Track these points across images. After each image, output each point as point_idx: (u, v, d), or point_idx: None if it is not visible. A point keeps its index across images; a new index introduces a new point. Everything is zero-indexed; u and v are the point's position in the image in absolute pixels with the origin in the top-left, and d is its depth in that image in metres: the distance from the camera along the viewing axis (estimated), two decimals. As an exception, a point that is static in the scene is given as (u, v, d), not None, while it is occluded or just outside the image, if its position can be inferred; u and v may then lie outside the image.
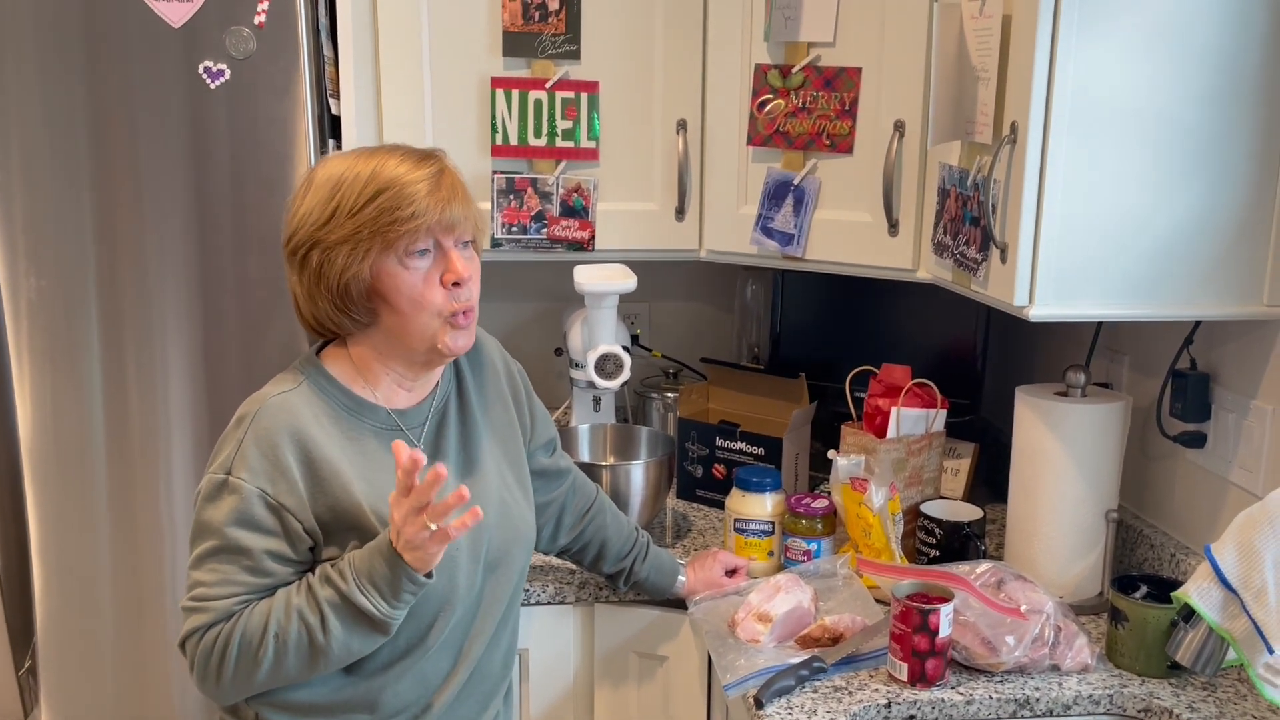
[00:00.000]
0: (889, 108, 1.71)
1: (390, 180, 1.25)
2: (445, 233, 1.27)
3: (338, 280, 1.26)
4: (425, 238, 1.26)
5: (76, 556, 1.85)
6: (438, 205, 1.25)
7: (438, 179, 1.27)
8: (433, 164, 1.29)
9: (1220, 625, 1.23)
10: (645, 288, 1.96)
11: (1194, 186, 1.38)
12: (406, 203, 1.24)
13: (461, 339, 1.31)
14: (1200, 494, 1.60)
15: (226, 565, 1.24)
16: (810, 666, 1.40)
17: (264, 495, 1.23)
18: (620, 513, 1.65)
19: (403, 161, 1.27)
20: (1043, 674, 1.41)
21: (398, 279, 1.26)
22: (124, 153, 1.74)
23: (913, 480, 1.74)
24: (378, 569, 1.21)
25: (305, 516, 1.25)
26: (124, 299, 1.79)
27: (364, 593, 1.21)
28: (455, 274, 1.28)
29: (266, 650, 1.22)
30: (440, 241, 1.27)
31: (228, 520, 1.23)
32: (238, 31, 1.70)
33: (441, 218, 1.26)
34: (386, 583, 1.21)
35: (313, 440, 1.26)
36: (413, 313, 1.27)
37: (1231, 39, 1.35)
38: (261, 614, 1.23)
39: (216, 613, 1.24)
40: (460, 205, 1.28)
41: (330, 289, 1.27)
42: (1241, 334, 1.51)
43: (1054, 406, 1.56)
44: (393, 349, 1.32)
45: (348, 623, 1.22)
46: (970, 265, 1.51)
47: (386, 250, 1.25)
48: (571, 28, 1.86)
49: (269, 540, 1.24)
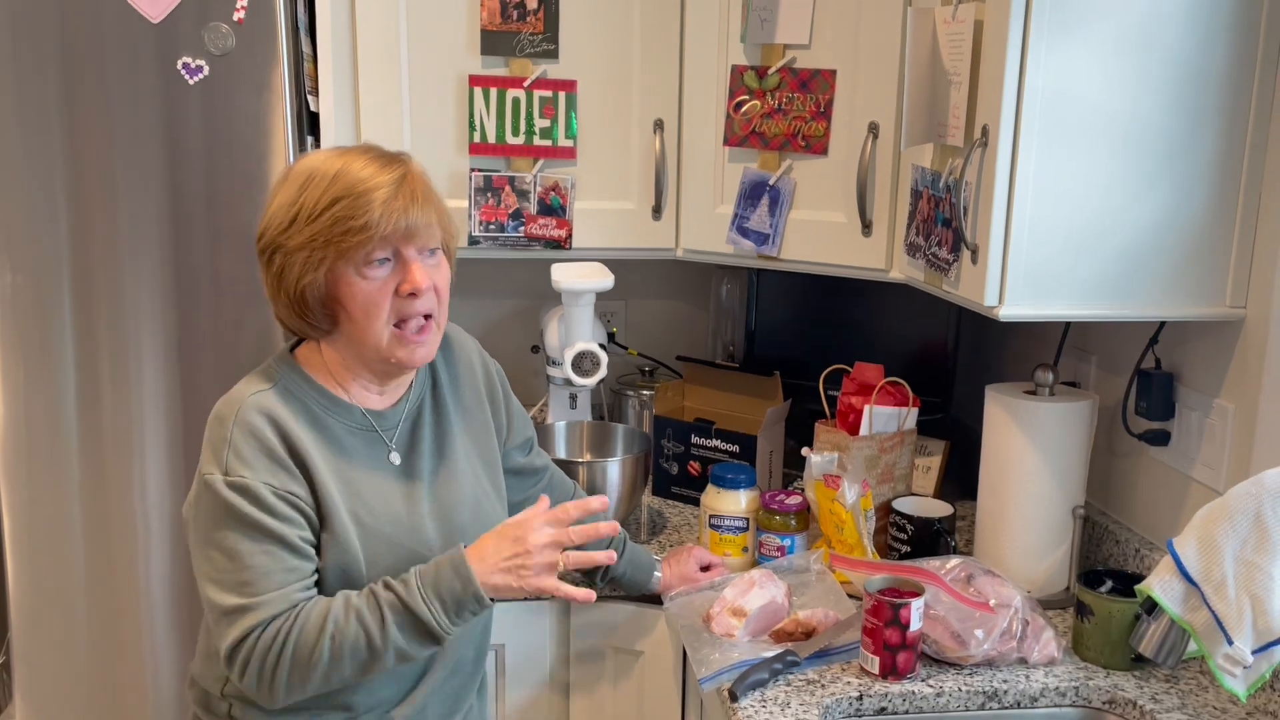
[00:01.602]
0: (863, 110, 1.74)
1: (348, 187, 1.23)
2: (404, 241, 1.25)
3: (295, 286, 1.25)
4: (382, 247, 1.24)
5: (50, 551, 1.84)
6: (394, 214, 1.22)
7: (398, 185, 1.24)
8: (397, 168, 1.26)
9: (1182, 617, 1.26)
10: (622, 286, 1.98)
11: (1160, 190, 1.41)
12: (360, 212, 1.21)
13: (419, 352, 1.29)
14: (1164, 490, 1.64)
15: (266, 561, 1.21)
16: (784, 660, 1.42)
17: (272, 488, 1.23)
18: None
19: (368, 165, 1.25)
20: (1011, 667, 1.43)
21: (354, 287, 1.25)
22: (99, 148, 1.74)
23: (885, 477, 1.77)
24: (445, 582, 1.21)
25: (308, 500, 1.25)
26: (98, 294, 1.78)
27: (427, 603, 1.21)
28: (411, 283, 1.25)
29: (323, 650, 1.20)
30: (400, 250, 1.25)
31: (244, 518, 1.21)
32: (216, 28, 1.70)
33: (396, 226, 1.23)
34: (453, 597, 1.21)
35: (293, 435, 1.26)
36: (366, 322, 1.26)
37: (1197, 47, 1.38)
38: (320, 613, 1.21)
39: (273, 606, 1.21)
40: (422, 212, 1.25)
41: (289, 294, 1.26)
42: (1205, 334, 1.54)
43: (1023, 405, 1.59)
44: (355, 355, 1.31)
45: (406, 630, 1.21)
46: (942, 266, 1.54)
47: (342, 259, 1.23)
48: (550, 27, 1.87)
49: (295, 527, 1.23)
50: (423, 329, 1.29)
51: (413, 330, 1.28)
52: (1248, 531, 1.21)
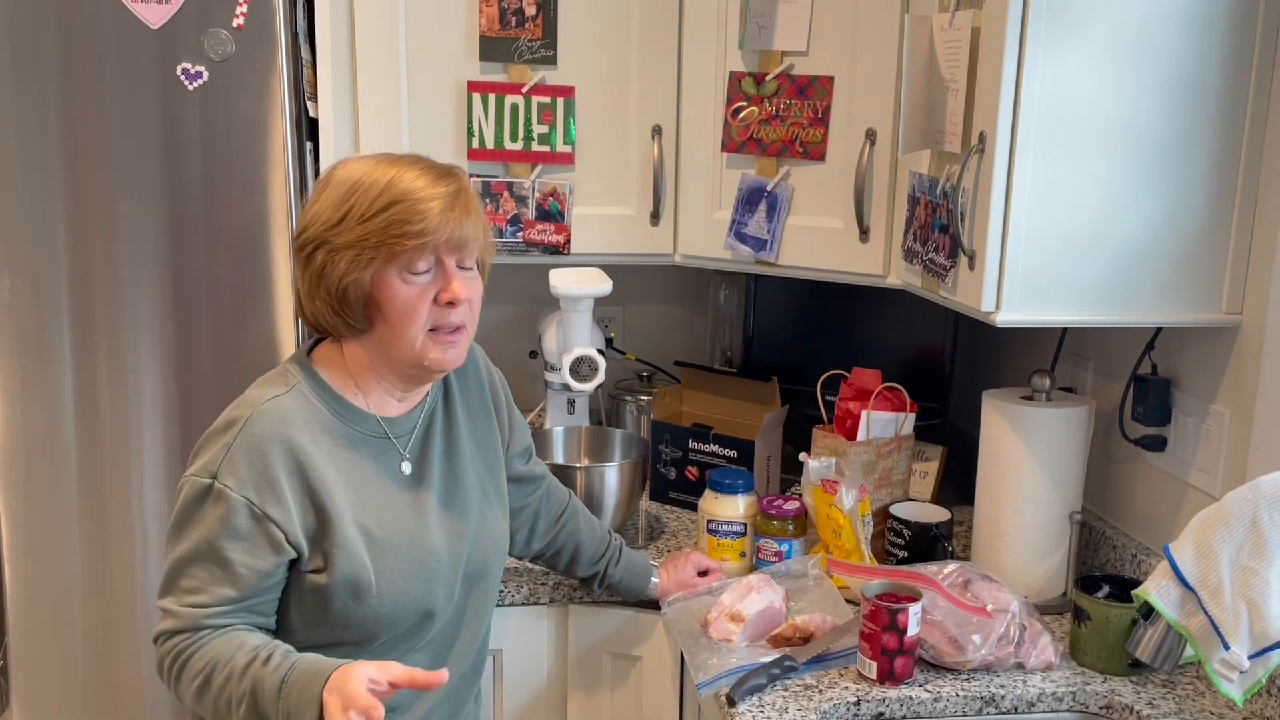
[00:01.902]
0: (861, 116, 1.74)
1: (405, 193, 1.24)
2: (451, 253, 1.27)
3: (338, 284, 1.26)
4: (430, 255, 1.26)
5: (47, 557, 1.84)
6: (448, 225, 1.25)
7: (454, 198, 1.26)
8: (451, 182, 1.28)
9: (1178, 622, 1.26)
10: (620, 291, 1.98)
11: (1156, 196, 1.42)
12: (418, 218, 1.23)
13: (451, 353, 1.30)
14: (1161, 496, 1.64)
15: (202, 574, 1.23)
16: (781, 665, 1.42)
17: (250, 504, 1.22)
18: (593, 517, 1.66)
19: (422, 175, 1.26)
20: (1008, 672, 1.44)
21: (394, 290, 1.26)
22: (98, 153, 1.74)
23: (882, 482, 1.77)
24: (300, 708, 1.15)
25: (290, 529, 1.24)
26: (96, 300, 1.78)
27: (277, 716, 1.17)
28: (451, 294, 1.27)
29: (196, 688, 1.21)
30: (444, 260, 1.27)
31: (211, 529, 1.22)
32: (216, 34, 1.71)
33: (450, 238, 1.25)
34: (298, 713, 1.16)
35: (302, 449, 1.25)
36: (402, 325, 1.27)
37: (1193, 53, 1.39)
38: (210, 653, 1.21)
39: (184, 620, 1.23)
40: (472, 227, 1.28)
41: (329, 291, 1.27)
42: (1201, 340, 1.55)
43: (1020, 410, 1.60)
44: (384, 359, 1.31)
45: (260, 715, 1.19)
46: (939, 272, 1.54)
47: (390, 262, 1.24)
48: (548, 33, 1.88)
49: (249, 552, 1.23)
50: (455, 332, 1.30)
51: (447, 332, 1.29)
52: (1244, 537, 1.21)
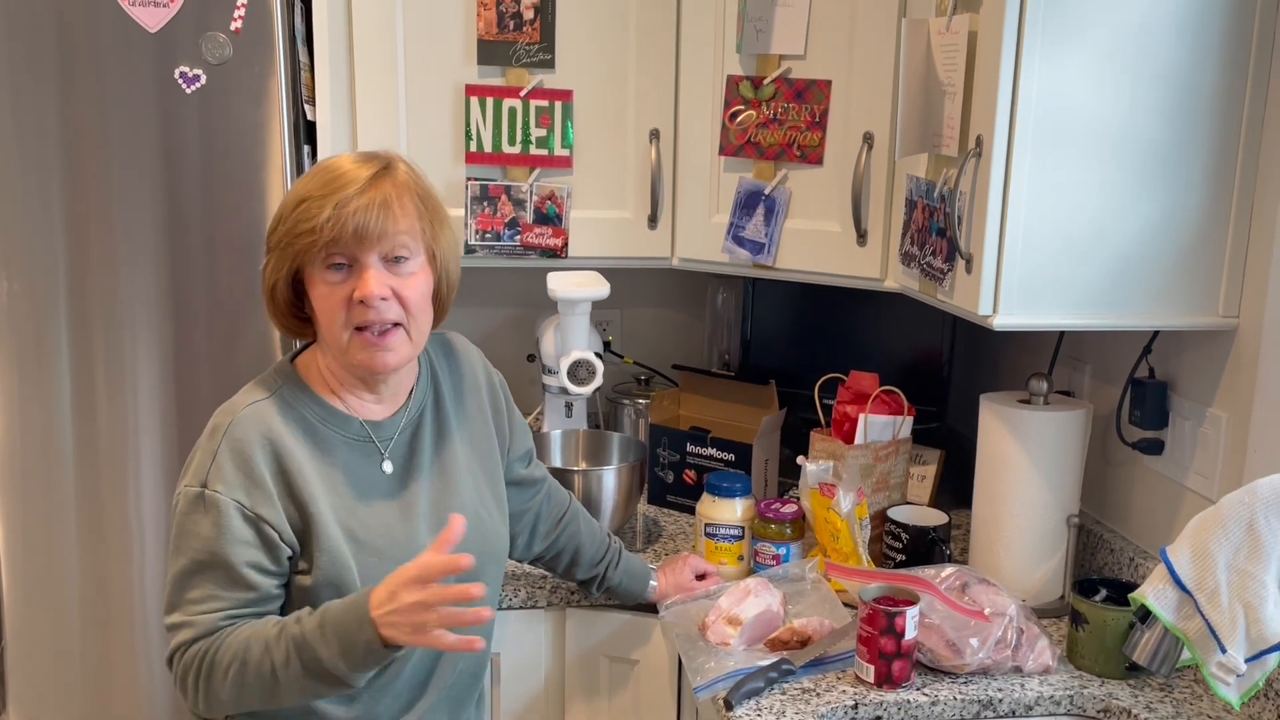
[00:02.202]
0: (858, 120, 1.74)
1: (307, 192, 1.23)
2: (358, 247, 1.23)
3: (268, 285, 1.28)
4: (337, 252, 1.23)
5: (44, 562, 1.84)
6: (343, 219, 1.20)
7: (362, 188, 1.22)
8: (369, 167, 1.24)
9: (1175, 626, 1.26)
10: (617, 295, 1.98)
11: (1152, 200, 1.42)
12: (312, 215, 1.21)
13: (380, 356, 1.27)
14: (1158, 499, 1.64)
15: (208, 581, 1.23)
16: (779, 669, 1.42)
17: (241, 507, 1.22)
18: (593, 519, 1.66)
19: (347, 165, 1.25)
20: (1005, 675, 1.44)
21: (316, 290, 1.26)
22: (96, 157, 1.74)
23: (880, 486, 1.77)
24: (350, 635, 1.16)
25: (282, 527, 1.24)
26: (94, 304, 1.78)
27: (332, 655, 1.17)
28: (360, 292, 1.23)
29: (231, 675, 1.20)
30: (359, 257, 1.24)
31: (208, 536, 1.22)
32: (214, 37, 1.71)
33: (343, 231, 1.21)
34: (355, 650, 1.17)
35: (285, 449, 1.26)
36: (327, 325, 1.27)
37: (1189, 57, 1.39)
38: (239, 639, 1.21)
39: (200, 628, 1.22)
40: (381, 218, 1.22)
41: (265, 292, 1.29)
42: (1198, 344, 1.55)
43: (1017, 414, 1.60)
44: (335, 360, 1.32)
45: (311, 674, 1.19)
46: (936, 275, 1.54)
47: (305, 263, 1.24)
48: (546, 37, 1.88)
49: (248, 552, 1.23)
50: (386, 334, 1.26)
51: (374, 334, 1.26)
52: (1241, 540, 1.21)
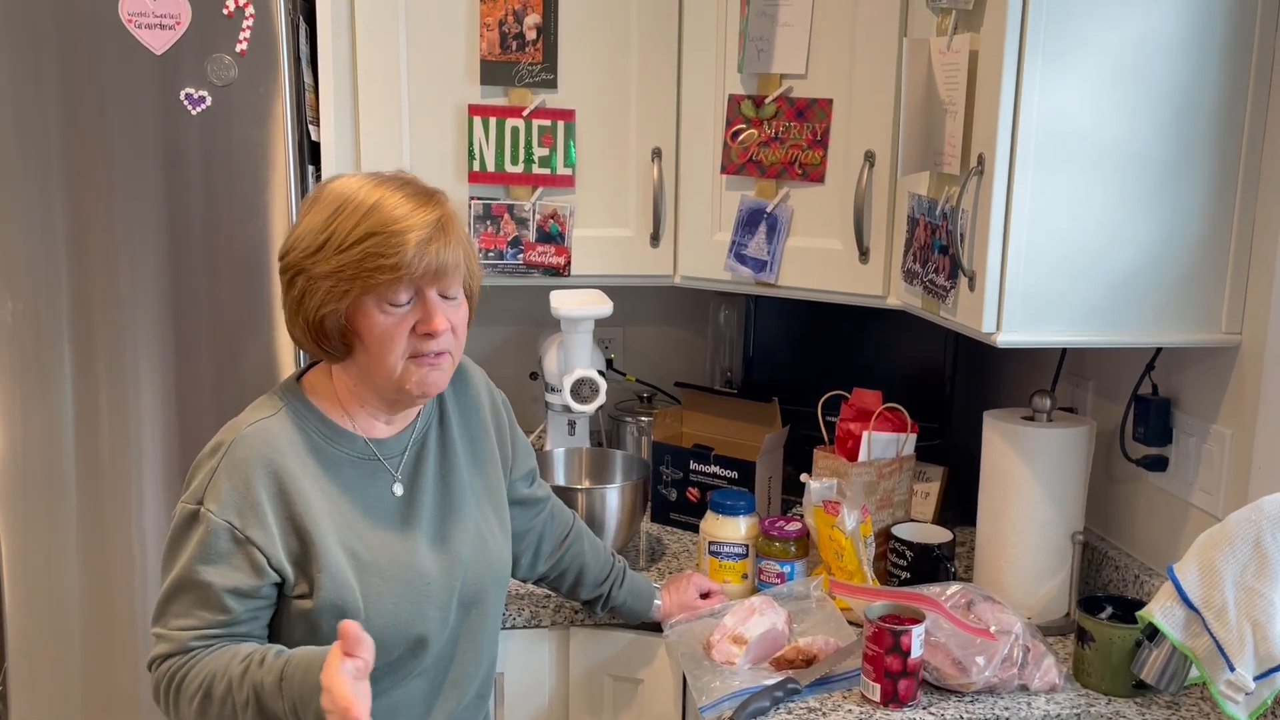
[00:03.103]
0: (859, 138, 1.75)
1: (384, 222, 1.21)
2: (431, 283, 1.25)
3: (315, 313, 1.25)
4: (408, 288, 1.24)
5: (47, 580, 1.84)
6: (426, 257, 1.22)
7: (434, 227, 1.23)
8: (433, 209, 1.25)
9: (1183, 644, 1.26)
10: (620, 313, 1.98)
11: (1154, 217, 1.43)
12: (393, 252, 1.20)
13: (433, 376, 1.28)
14: (1163, 516, 1.64)
15: (187, 600, 1.23)
16: (785, 688, 1.41)
17: (231, 528, 1.22)
18: (597, 538, 1.66)
19: (404, 202, 1.23)
20: (1012, 694, 1.43)
21: (373, 320, 1.25)
22: (101, 177, 1.75)
23: (884, 503, 1.77)
24: (306, 698, 1.14)
25: (273, 552, 1.24)
26: (98, 322, 1.79)
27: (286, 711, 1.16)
28: (428, 326, 1.25)
29: (196, 704, 1.21)
30: (424, 291, 1.25)
31: (192, 555, 1.22)
32: (219, 59, 1.72)
33: (428, 270, 1.23)
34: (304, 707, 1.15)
35: (287, 471, 1.26)
36: (380, 353, 1.26)
37: (1189, 75, 1.40)
38: (206, 670, 1.21)
39: (174, 644, 1.23)
40: (453, 255, 1.25)
41: (307, 319, 1.26)
42: (1201, 360, 1.55)
43: (1020, 431, 1.60)
44: (366, 383, 1.31)
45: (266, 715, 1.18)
46: (939, 292, 1.54)
47: (367, 293, 1.23)
48: (549, 57, 1.89)
49: (230, 576, 1.22)
50: (439, 355, 1.28)
51: (431, 356, 1.27)
52: (1248, 557, 1.21)
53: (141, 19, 1.70)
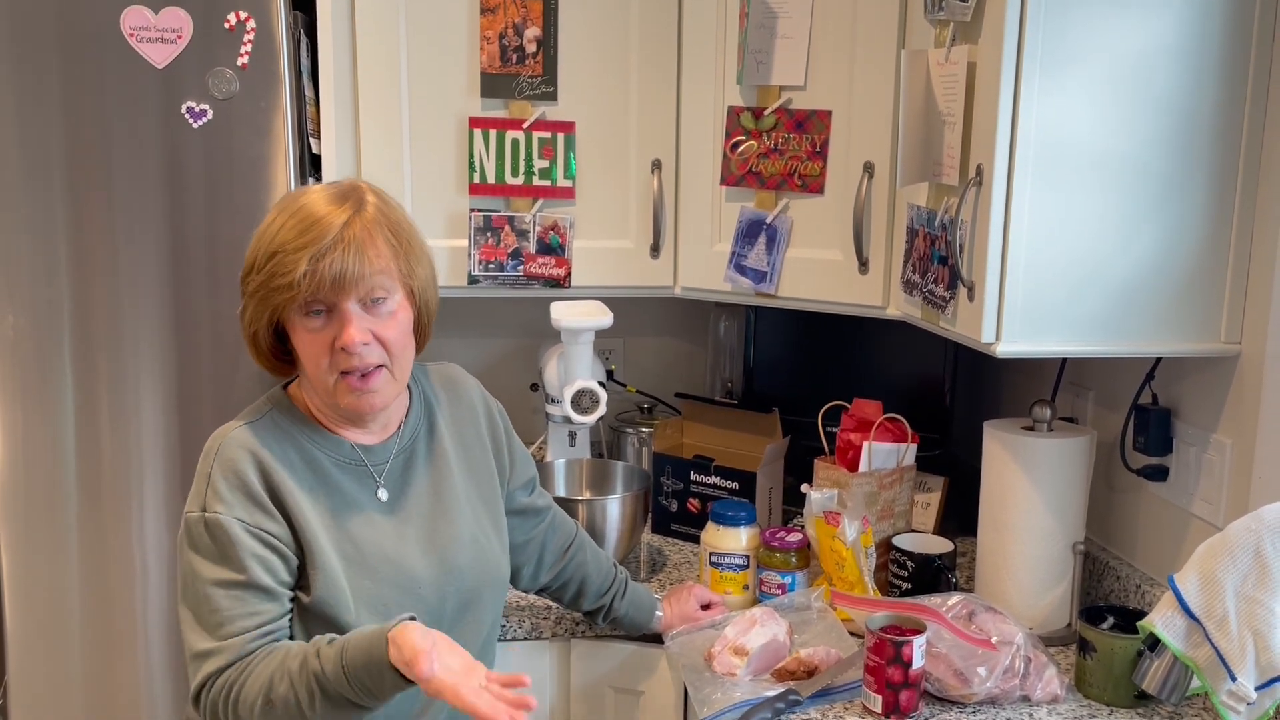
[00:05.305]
0: (859, 150, 1.76)
1: (281, 243, 1.20)
2: (338, 295, 1.22)
3: (248, 330, 1.28)
4: (316, 300, 1.22)
5: (48, 593, 1.84)
6: (319, 271, 1.19)
7: (337, 237, 1.20)
8: (342, 212, 1.22)
9: (1185, 654, 1.26)
10: (620, 324, 1.99)
11: (1153, 227, 1.43)
12: (285, 270, 1.19)
13: (365, 399, 1.27)
14: (1163, 526, 1.64)
15: (229, 602, 1.22)
16: (786, 699, 1.41)
17: (244, 524, 1.23)
18: (599, 549, 1.66)
19: (313, 208, 1.22)
20: (1014, 704, 1.43)
21: (298, 336, 1.26)
22: (102, 191, 1.75)
23: (885, 514, 1.77)
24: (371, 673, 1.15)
25: (285, 538, 1.25)
26: (99, 336, 1.79)
27: (354, 687, 1.17)
28: (342, 339, 1.23)
29: (258, 711, 1.19)
30: (339, 305, 1.23)
31: (220, 558, 1.22)
32: (220, 73, 1.72)
33: (321, 283, 1.19)
34: (376, 685, 1.16)
35: (273, 468, 1.27)
36: (312, 370, 1.27)
37: (1187, 86, 1.40)
38: (263, 674, 1.20)
39: (229, 653, 1.21)
40: (358, 262, 1.20)
41: (246, 336, 1.29)
42: (1201, 370, 1.55)
43: (1021, 441, 1.60)
44: (320, 398, 1.32)
45: (335, 702, 1.18)
46: (939, 303, 1.55)
47: (279, 311, 1.24)
48: (549, 70, 1.90)
49: (261, 564, 1.23)
50: (368, 377, 1.26)
51: (357, 379, 1.26)
52: (1248, 567, 1.21)
53: (143, 33, 1.70)
